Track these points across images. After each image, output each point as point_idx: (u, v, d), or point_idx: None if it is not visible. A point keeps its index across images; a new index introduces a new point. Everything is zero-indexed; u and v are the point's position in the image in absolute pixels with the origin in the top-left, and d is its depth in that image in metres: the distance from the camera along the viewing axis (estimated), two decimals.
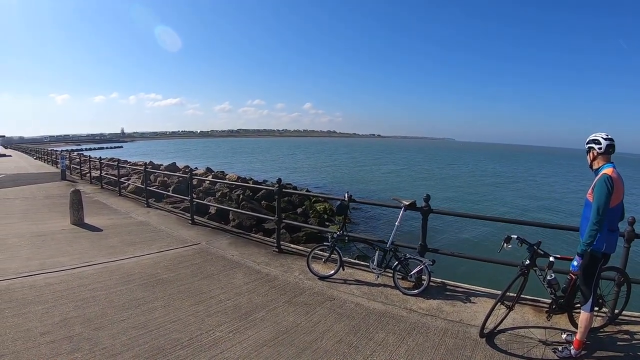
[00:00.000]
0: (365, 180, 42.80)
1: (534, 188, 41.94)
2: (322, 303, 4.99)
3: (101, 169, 17.34)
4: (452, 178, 49.50)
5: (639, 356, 3.95)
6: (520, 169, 72.64)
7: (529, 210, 27.52)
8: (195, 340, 3.89)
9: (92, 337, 3.87)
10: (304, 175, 46.28)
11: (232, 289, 5.38)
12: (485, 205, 28.86)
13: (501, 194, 36.03)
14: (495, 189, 39.84)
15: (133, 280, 5.53)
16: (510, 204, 30.12)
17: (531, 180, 51.25)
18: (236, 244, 7.75)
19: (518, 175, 58.04)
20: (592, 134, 3.92)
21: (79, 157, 23.46)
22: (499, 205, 29.13)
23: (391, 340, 4.10)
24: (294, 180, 36.96)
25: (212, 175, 29.61)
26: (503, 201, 31.38)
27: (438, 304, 5.10)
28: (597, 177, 3.69)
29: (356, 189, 32.20)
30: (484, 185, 42.36)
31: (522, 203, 30.63)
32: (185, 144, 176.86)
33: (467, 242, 16.82)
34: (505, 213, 24.93)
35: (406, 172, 55.45)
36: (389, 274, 5.79)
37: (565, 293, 4.22)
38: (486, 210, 25.77)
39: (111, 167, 24.93)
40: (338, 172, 52.65)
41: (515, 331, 4.42)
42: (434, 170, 60.43)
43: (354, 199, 6.39)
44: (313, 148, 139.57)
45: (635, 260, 11.41)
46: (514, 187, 42.49)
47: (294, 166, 59.92)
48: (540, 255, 4.24)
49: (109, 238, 7.83)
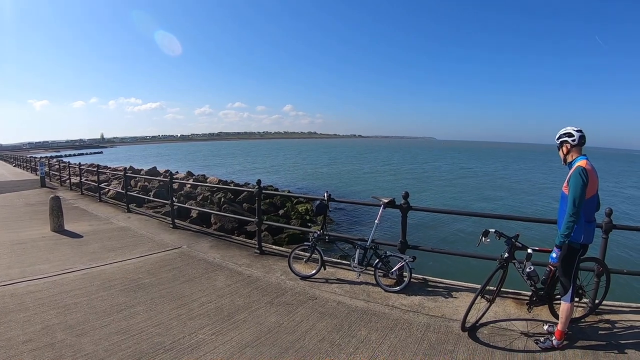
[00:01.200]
0: (344, 180, 43.79)
1: (510, 183, 43.57)
2: (304, 302, 5.14)
3: (81, 175, 17.40)
4: (430, 176, 50.99)
5: (620, 344, 4.15)
6: (497, 165, 75.46)
7: (507, 204, 28.38)
8: (177, 344, 3.99)
9: (75, 343, 3.94)
10: (285, 176, 47.09)
11: (214, 291, 5.50)
12: (463, 201, 29.90)
13: (478, 189, 37.28)
14: (471, 185, 41.21)
15: (114, 285, 5.62)
16: (488, 199, 31.18)
17: (507, 175, 53.41)
18: (218, 247, 7.89)
19: (494, 171, 60.25)
20: (562, 129, 4.09)
21: (59, 164, 23.54)
22: (477, 201, 30.07)
23: (374, 337, 4.25)
24: (275, 182, 37.66)
25: (193, 178, 29.94)
26: (480, 197, 32.42)
27: (420, 300, 5.28)
28: (571, 170, 3.86)
29: (336, 189, 33.28)
30: (461, 182, 43.74)
31: (499, 198, 31.76)
32: (165, 148, 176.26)
33: (447, 238, 17.26)
34: (482, 208, 25.75)
35: (385, 171, 56.90)
36: (370, 272, 5.96)
37: (545, 285, 4.39)
38: (464, 206, 26.71)
39: (91, 173, 24.97)
40: (318, 172, 53.75)
41: (497, 324, 4.61)
42: (412, 169, 62.02)
43: (334, 198, 6.54)
44: (294, 150, 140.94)
45: (613, 251, 11.71)
46: (490, 182, 44.09)
47: (275, 168, 60.79)
48: (518, 248, 4.41)
49: (89, 244, 7.91)
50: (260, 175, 42.56)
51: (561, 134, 4.07)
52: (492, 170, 62.36)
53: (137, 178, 24.69)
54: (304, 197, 19.23)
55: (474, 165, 71.63)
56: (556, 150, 4.19)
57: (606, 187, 37.57)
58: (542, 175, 52.81)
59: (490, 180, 46.77)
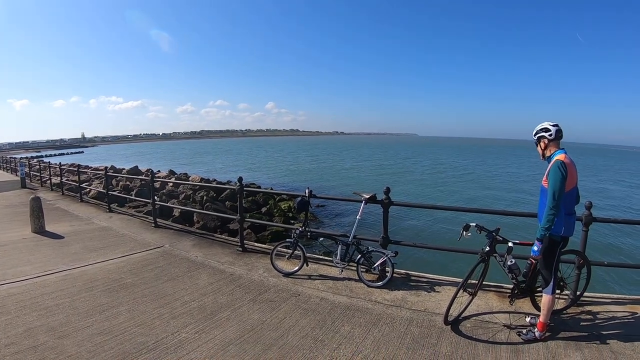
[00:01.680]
0: (326, 176, 44.63)
1: (490, 178, 45.07)
2: (287, 299, 5.21)
3: (62, 175, 17.29)
4: (411, 171, 52.56)
5: (602, 335, 4.28)
6: (477, 160, 77.86)
7: (487, 198, 29.30)
8: (161, 343, 4.03)
9: (57, 345, 3.95)
10: (268, 174, 47.63)
11: (197, 289, 5.55)
12: (443, 196, 30.65)
13: (458, 184, 38.42)
14: (451, 179, 42.54)
15: (97, 286, 5.64)
16: (468, 193, 32.08)
17: (487, 170, 55.29)
18: (200, 245, 7.94)
19: (474, 166, 62.43)
20: (538, 125, 4.21)
21: (39, 164, 23.35)
22: (457, 196, 30.93)
23: (357, 332, 4.33)
24: (258, 179, 38.15)
25: (175, 177, 30.09)
26: (460, 191, 33.37)
27: (403, 295, 5.38)
28: (550, 164, 3.96)
29: (318, 185, 34.07)
30: (441, 177, 45.13)
31: (479, 192, 32.76)
32: (147, 147, 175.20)
33: (429, 233, 17.68)
34: (463, 202, 26.72)
35: (366, 167, 58.37)
36: (352, 268, 6.06)
37: (527, 277, 4.52)
38: (445, 201, 27.50)
39: (72, 173, 24.93)
40: (300, 169, 54.67)
41: (480, 317, 4.72)
42: (393, 165, 63.75)
43: (315, 194, 6.62)
44: (276, 147, 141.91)
45: (593, 243, 11.96)
46: (471, 177, 45.45)
47: (257, 166, 61.43)
48: (499, 242, 4.51)
49: (71, 245, 7.90)
50: (242, 173, 42.75)
51: (538, 130, 4.19)
52: (472, 165, 64.54)
53: (118, 177, 24.83)
54: (286, 194, 19.40)
55: (454, 161, 73.79)
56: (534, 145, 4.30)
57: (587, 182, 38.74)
58: (521, 170, 54.32)
59: (469, 175, 48.35)
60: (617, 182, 42.75)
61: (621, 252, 15.57)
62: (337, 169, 55.29)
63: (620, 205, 27.48)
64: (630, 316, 4.77)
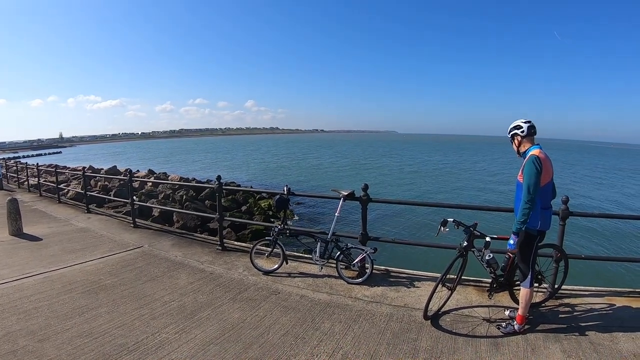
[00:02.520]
0: (305, 174, 45.52)
1: (466, 174, 46.71)
2: (267, 297, 5.32)
3: (39, 176, 17.21)
4: (389, 168, 54.01)
5: (580, 326, 4.46)
6: (454, 157, 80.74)
7: (464, 194, 30.31)
8: (141, 344, 4.10)
9: (37, 349, 3.99)
10: (247, 173, 48.19)
11: (177, 289, 5.63)
12: (421, 192, 31.59)
13: (436, 180, 39.88)
14: (429, 176, 44.06)
15: (76, 288, 5.68)
16: (446, 189, 33.27)
17: (464, 167, 57.38)
18: (179, 245, 8.03)
19: (452, 163, 64.58)
20: (512, 123, 4.36)
21: (16, 165, 23.12)
22: (435, 191, 32.00)
23: (337, 329, 4.45)
24: (237, 178, 38.79)
25: (154, 176, 30.05)
26: (438, 187, 34.67)
27: (382, 291, 5.53)
28: (525, 159, 4.10)
29: (297, 183, 34.79)
30: (419, 173, 46.69)
31: (457, 188, 33.95)
32: (126, 146, 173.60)
33: (407, 229, 18.08)
34: (441, 198, 27.67)
35: (345, 164, 59.60)
36: (332, 265, 6.20)
37: (505, 271, 4.68)
38: (423, 197, 28.29)
39: (49, 174, 24.81)
40: (280, 167, 55.57)
41: (460, 311, 4.89)
42: (372, 162, 65.27)
43: (293, 192, 6.74)
44: (255, 145, 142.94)
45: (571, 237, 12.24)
46: (448, 173, 47.29)
47: (237, 164, 62.20)
48: (477, 237, 4.66)
49: (49, 247, 7.91)
50: (222, 172, 43.68)
51: (511, 128, 4.34)
52: (450, 161, 66.75)
53: (97, 178, 24.78)
54: (265, 191, 19.65)
55: (432, 158, 75.90)
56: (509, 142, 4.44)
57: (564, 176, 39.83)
58: (498, 167, 55.57)
59: (447, 171, 49.93)
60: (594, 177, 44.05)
61: (599, 245, 16.04)
62: (317, 166, 56.37)
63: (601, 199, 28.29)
64: (608, 307, 4.96)
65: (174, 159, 77.12)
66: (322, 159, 72.35)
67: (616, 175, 49.79)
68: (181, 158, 78.99)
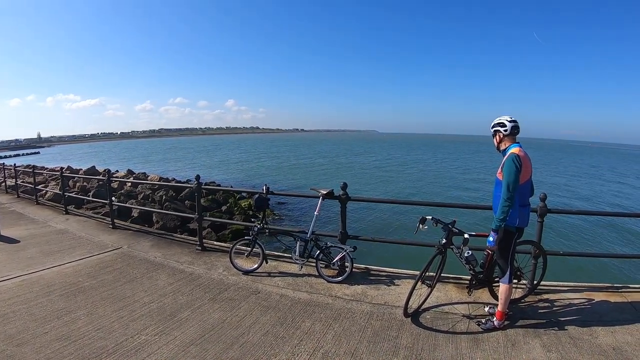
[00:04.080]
0: (285, 173, 46.07)
1: (443, 172, 47.97)
2: (247, 297, 5.45)
3: (17, 177, 17.10)
4: (368, 167, 55.14)
5: (560, 321, 4.65)
6: (432, 155, 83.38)
7: (442, 192, 31.06)
8: (120, 347, 4.18)
9: (15, 353, 4.02)
10: (227, 172, 48.30)
11: (156, 290, 5.72)
12: (400, 191, 32.15)
13: (414, 179, 40.90)
14: (408, 174, 45.21)
15: (54, 291, 5.72)
16: (423, 188, 34.16)
17: (442, 165, 59.23)
18: (159, 246, 8.11)
19: (430, 161, 66.73)
20: (497, 118, 4.47)
21: None
22: (413, 190, 32.61)
23: (318, 327, 4.59)
24: (218, 178, 39.10)
25: (134, 177, 30.03)
26: (416, 186, 35.49)
27: (362, 289, 5.69)
28: (505, 157, 4.25)
29: (276, 182, 35.19)
30: (398, 172, 47.77)
31: (435, 186, 34.94)
32: (105, 146, 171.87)
33: (387, 227, 18.43)
34: (419, 197, 28.06)
35: (325, 164, 60.25)
36: (312, 264, 6.34)
37: (484, 268, 4.83)
38: (401, 195, 28.85)
39: (27, 175, 24.62)
40: (259, 167, 55.91)
41: (440, 308, 5.06)
42: (351, 161, 66.57)
43: (272, 191, 6.88)
44: (236, 145, 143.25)
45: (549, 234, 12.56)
46: (426, 172, 48.62)
47: (217, 164, 62.27)
48: (455, 234, 4.81)
49: (27, 249, 7.92)
50: (202, 171, 44.58)
51: (495, 123, 4.46)
52: (428, 160, 68.29)
53: (75, 178, 24.69)
54: (245, 191, 19.79)
55: (410, 157, 77.48)
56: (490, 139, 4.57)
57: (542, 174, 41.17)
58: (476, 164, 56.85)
59: (425, 169, 51.16)
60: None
61: (576, 242, 16.52)
62: (296, 166, 56.86)
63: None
64: (587, 302, 5.17)
65: (154, 158, 76.88)
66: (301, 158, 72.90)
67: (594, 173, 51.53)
68: (161, 157, 78.74)
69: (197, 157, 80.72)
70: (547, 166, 58.51)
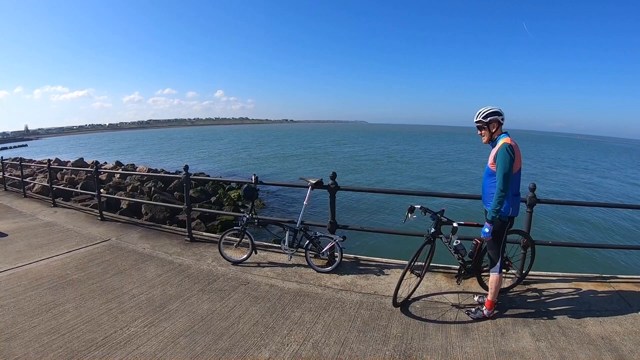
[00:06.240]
0: (274, 163, 46.53)
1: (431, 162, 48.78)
2: (237, 288, 5.51)
3: (4, 170, 17.03)
4: (357, 156, 55.70)
5: (549, 311, 4.76)
6: (419, 146, 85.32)
7: (430, 182, 31.42)
8: (110, 339, 4.21)
9: (4, 348, 4.04)
10: (217, 163, 48.63)
11: (145, 282, 5.76)
12: (388, 180, 32.71)
13: (402, 169, 41.58)
14: (396, 164, 45.78)
15: (42, 284, 5.73)
16: (411, 177, 34.73)
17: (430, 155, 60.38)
18: (147, 237, 8.13)
19: (418, 151, 67.98)
20: (484, 108, 4.43)
21: None
22: (402, 179, 33.22)
23: (307, 317, 4.66)
24: (207, 168, 39.13)
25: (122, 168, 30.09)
26: (405, 175, 36.06)
27: (352, 279, 5.77)
28: (497, 147, 4.29)
29: (265, 172, 35.70)
30: (386, 162, 48.36)
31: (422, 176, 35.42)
32: (93, 138, 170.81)
33: (376, 217, 18.57)
34: (407, 186, 28.69)
35: (313, 154, 60.77)
36: (301, 254, 6.43)
37: (473, 258, 4.91)
38: (390, 185, 29.39)
39: (15, 167, 24.67)
40: (248, 157, 56.19)
41: (429, 298, 5.15)
42: (340, 151, 67.29)
43: (261, 180, 6.91)
44: (225, 136, 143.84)
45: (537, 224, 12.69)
46: (414, 161, 49.23)
47: (206, 154, 62.66)
48: (444, 223, 4.88)
49: (14, 242, 7.90)
50: (191, 162, 44.77)
51: (491, 112, 4.38)
52: (416, 150, 69.37)
53: (63, 170, 24.67)
54: (234, 181, 19.94)
55: (398, 147, 78.73)
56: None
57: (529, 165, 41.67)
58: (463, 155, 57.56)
59: (413, 159, 51.78)
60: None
61: (565, 232, 16.81)
62: (285, 156, 57.25)
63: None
64: (575, 292, 5.29)
65: (143, 150, 76.59)
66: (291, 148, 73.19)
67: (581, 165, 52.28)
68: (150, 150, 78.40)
69: (188, 148, 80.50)
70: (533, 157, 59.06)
